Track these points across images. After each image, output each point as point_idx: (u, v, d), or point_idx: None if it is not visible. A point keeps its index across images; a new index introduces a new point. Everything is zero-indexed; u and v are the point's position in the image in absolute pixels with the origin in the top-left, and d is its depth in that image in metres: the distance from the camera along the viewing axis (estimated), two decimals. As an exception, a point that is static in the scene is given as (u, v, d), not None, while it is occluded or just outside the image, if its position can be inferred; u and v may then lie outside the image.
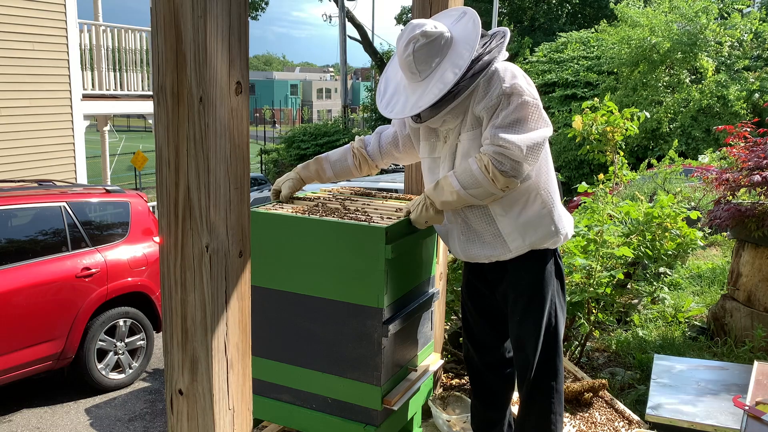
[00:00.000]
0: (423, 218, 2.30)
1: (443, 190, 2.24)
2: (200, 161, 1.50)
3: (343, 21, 25.11)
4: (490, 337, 2.48)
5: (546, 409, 2.34)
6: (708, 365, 3.34)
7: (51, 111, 9.48)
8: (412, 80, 2.27)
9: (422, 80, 2.23)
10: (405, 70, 2.26)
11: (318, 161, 2.69)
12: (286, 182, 2.67)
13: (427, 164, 2.46)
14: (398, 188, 6.52)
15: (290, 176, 2.67)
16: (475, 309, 2.49)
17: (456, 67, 2.16)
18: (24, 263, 4.67)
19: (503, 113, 2.13)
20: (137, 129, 33.29)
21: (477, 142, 2.23)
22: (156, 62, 1.51)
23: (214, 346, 1.58)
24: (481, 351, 2.49)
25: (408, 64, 2.23)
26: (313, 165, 2.69)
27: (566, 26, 23.25)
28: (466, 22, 2.27)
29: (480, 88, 2.18)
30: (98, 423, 4.70)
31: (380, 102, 2.40)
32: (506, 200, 2.24)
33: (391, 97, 2.37)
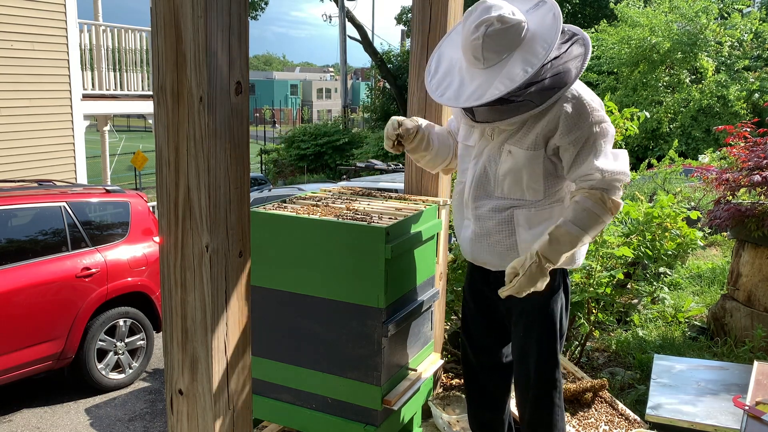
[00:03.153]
0: (536, 280, 2.02)
1: (564, 242, 2.02)
2: (200, 161, 1.50)
3: (343, 21, 25.10)
4: (489, 340, 2.41)
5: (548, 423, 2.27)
6: (708, 365, 3.34)
7: (51, 111, 9.48)
8: (472, 65, 2.06)
9: (485, 68, 2.03)
10: (467, 52, 2.06)
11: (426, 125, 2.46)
12: (408, 120, 2.44)
13: (461, 150, 2.34)
14: (398, 188, 6.52)
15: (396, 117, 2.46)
16: (478, 310, 2.41)
17: (528, 64, 1.96)
18: (24, 263, 4.67)
19: (601, 147, 2.03)
20: (137, 129, 33.28)
21: (534, 163, 2.09)
22: (156, 62, 1.52)
23: (214, 346, 1.58)
24: (479, 352, 2.43)
25: (474, 47, 2.02)
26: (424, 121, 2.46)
27: (566, 26, 23.22)
28: (545, 14, 2.06)
29: (564, 117, 2.02)
30: (98, 423, 4.70)
31: (430, 81, 2.19)
32: (535, 217, 2.15)
33: (443, 77, 2.16)
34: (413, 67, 2.99)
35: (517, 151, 2.10)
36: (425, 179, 3.03)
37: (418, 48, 2.95)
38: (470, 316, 2.44)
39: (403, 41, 32.24)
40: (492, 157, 2.17)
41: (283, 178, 21.84)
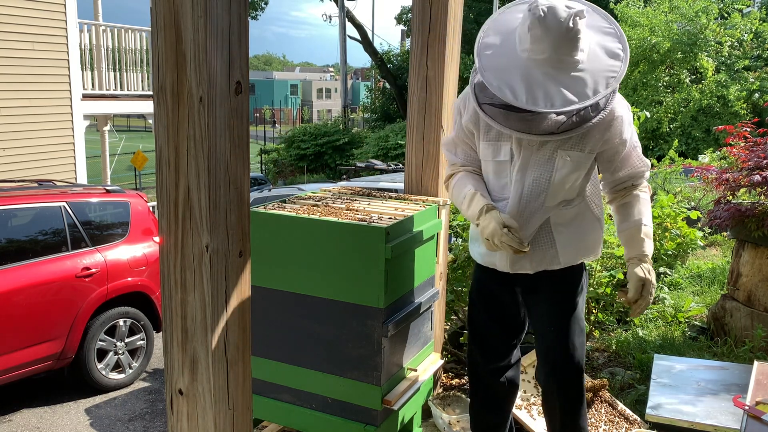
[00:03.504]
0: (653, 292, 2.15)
1: (651, 242, 2.16)
2: (200, 161, 1.50)
3: (343, 21, 25.10)
4: (501, 344, 2.38)
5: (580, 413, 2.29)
6: (708, 365, 3.34)
7: (51, 111, 9.48)
8: (560, 66, 1.91)
9: (563, 69, 1.91)
10: (551, 46, 1.89)
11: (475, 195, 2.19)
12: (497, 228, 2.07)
13: (492, 168, 2.19)
14: (398, 188, 6.52)
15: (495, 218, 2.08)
16: (489, 316, 2.36)
17: (613, 71, 1.96)
18: (24, 263, 4.67)
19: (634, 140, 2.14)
20: (137, 129, 33.27)
21: (587, 165, 2.11)
22: (156, 62, 1.52)
23: (214, 346, 1.58)
24: (489, 357, 2.39)
25: (569, 40, 1.88)
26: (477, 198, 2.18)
27: (566, 26, 23.22)
28: (601, 18, 2.09)
29: (618, 116, 2.06)
30: (98, 423, 4.70)
31: (524, 101, 1.91)
32: (568, 213, 2.17)
33: (530, 90, 1.91)
34: (413, 67, 2.99)
35: (577, 156, 2.07)
36: (425, 179, 3.03)
37: (418, 48, 2.95)
38: (480, 321, 2.39)
39: (403, 41, 32.25)
40: (541, 166, 2.09)
41: (283, 178, 21.83)
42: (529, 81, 1.92)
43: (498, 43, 2.04)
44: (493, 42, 2.05)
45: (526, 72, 1.93)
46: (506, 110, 1.96)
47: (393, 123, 22.86)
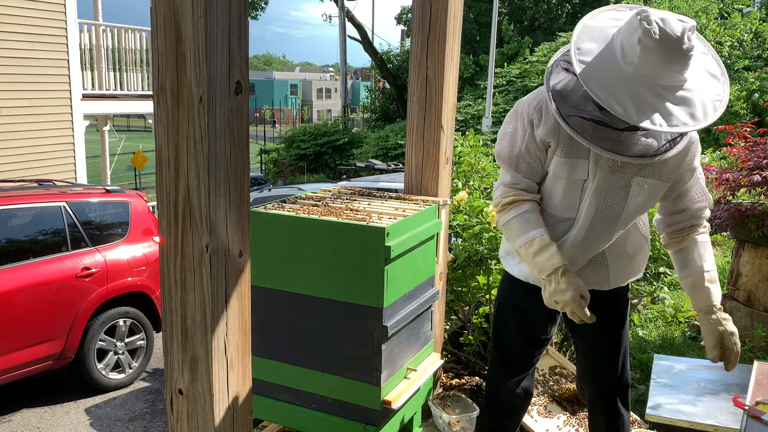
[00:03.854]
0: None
1: (717, 287, 2.04)
2: (200, 161, 1.50)
3: (343, 21, 25.09)
4: (525, 358, 2.34)
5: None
6: (708, 365, 3.34)
7: (51, 111, 9.48)
8: (662, 81, 1.76)
9: (671, 87, 1.77)
10: (663, 61, 1.73)
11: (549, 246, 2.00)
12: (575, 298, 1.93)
13: (562, 186, 2.02)
14: (398, 188, 6.52)
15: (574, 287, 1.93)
16: (520, 331, 2.28)
17: (722, 83, 1.85)
18: (24, 263, 4.67)
19: (700, 170, 2.04)
20: (137, 129, 33.26)
21: (658, 194, 2.01)
22: (156, 62, 1.52)
23: (214, 346, 1.58)
24: (511, 370, 2.34)
25: (682, 56, 1.73)
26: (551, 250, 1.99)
27: (566, 26, 23.22)
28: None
29: (694, 142, 1.97)
30: (98, 423, 4.69)
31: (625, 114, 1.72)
32: (619, 244, 2.11)
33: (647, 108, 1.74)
34: (413, 67, 2.99)
35: (655, 183, 1.97)
36: (425, 179, 3.03)
37: (418, 48, 2.95)
38: (508, 335, 2.32)
39: (403, 41, 32.23)
40: (616, 192, 1.97)
41: (283, 178, 21.83)
42: (636, 96, 1.74)
43: (596, 51, 1.84)
44: (590, 49, 1.84)
45: (632, 86, 1.75)
46: (598, 125, 1.80)
47: (393, 123, 22.85)
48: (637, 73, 1.76)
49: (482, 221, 3.36)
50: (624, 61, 1.78)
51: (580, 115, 1.82)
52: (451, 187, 3.25)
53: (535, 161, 2.04)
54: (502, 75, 18.38)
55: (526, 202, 2.05)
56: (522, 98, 2.08)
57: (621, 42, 1.80)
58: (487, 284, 3.44)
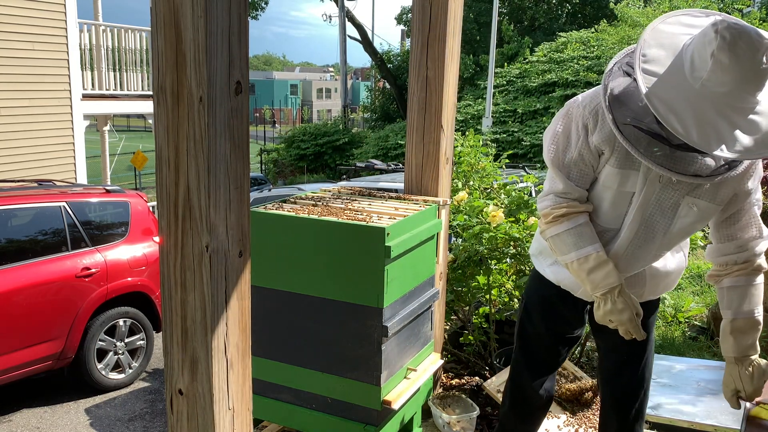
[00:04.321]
0: None
1: (757, 333, 1.94)
2: (200, 161, 1.50)
3: (343, 21, 25.10)
4: (551, 359, 2.30)
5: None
6: (708, 365, 3.34)
7: (51, 111, 9.48)
8: (732, 102, 1.62)
9: (741, 109, 1.63)
10: (744, 87, 1.59)
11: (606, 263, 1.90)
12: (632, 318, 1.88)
13: (611, 196, 1.91)
14: (398, 188, 6.52)
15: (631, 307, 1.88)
16: (548, 331, 2.24)
17: None
18: (24, 263, 4.67)
19: (757, 195, 1.89)
20: (137, 129, 33.26)
21: (708, 217, 1.89)
22: (156, 62, 1.52)
23: (214, 346, 1.58)
24: (536, 371, 2.30)
25: (760, 76, 1.59)
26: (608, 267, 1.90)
27: (566, 26, 23.23)
28: None
29: (755, 165, 1.84)
30: (98, 423, 4.70)
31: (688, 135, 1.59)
32: (683, 248, 2.07)
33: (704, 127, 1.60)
34: (413, 67, 2.99)
35: (706, 206, 1.84)
36: (425, 179, 3.03)
37: (418, 48, 2.95)
38: (535, 336, 2.27)
39: (403, 41, 32.23)
40: (663, 209, 1.87)
41: (283, 178, 21.83)
42: (700, 115, 1.60)
43: (663, 60, 1.70)
44: (656, 57, 1.70)
45: (697, 104, 1.62)
46: (654, 138, 1.69)
47: (393, 123, 22.86)
48: (705, 89, 1.62)
49: (482, 221, 3.36)
50: (692, 75, 1.64)
51: (637, 125, 1.70)
52: (451, 187, 3.25)
53: (588, 168, 1.91)
54: (502, 75, 18.39)
55: (580, 215, 1.92)
56: (575, 97, 1.95)
57: (692, 53, 1.66)
58: (487, 284, 3.44)
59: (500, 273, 3.53)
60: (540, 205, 2.00)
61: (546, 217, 1.96)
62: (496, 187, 4.07)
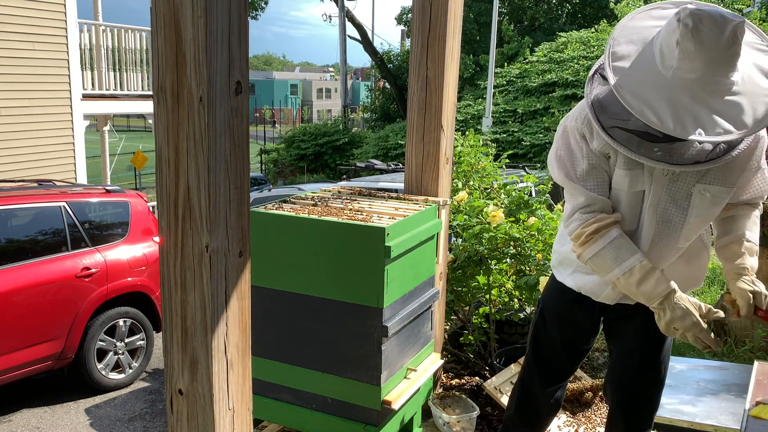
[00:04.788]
0: None
1: (755, 260, 1.91)
2: (200, 161, 1.50)
3: (343, 21, 25.09)
4: (563, 367, 2.29)
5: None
6: (708, 365, 3.34)
7: (51, 111, 9.47)
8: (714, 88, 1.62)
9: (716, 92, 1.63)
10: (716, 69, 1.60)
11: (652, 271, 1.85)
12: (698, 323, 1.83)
13: (626, 199, 1.90)
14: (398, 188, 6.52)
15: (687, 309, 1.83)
16: (563, 340, 2.22)
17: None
18: (24, 263, 4.67)
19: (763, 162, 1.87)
20: (137, 129, 33.25)
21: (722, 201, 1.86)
22: (156, 62, 1.52)
23: (214, 346, 1.58)
24: (547, 378, 2.27)
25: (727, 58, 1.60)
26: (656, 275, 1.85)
27: (566, 26, 23.23)
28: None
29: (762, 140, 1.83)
30: (98, 423, 4.69)
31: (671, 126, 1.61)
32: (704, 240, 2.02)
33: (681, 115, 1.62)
34: (413, 67, 2.99)
35: (718, 190, 1.82)
36: (425, 179, 3.03)
37: (418, 48, 2.95)
38: (548, 342, 2.25)
39: (403, 41, 32.22)
40: (676, 201, 1.85)
41: (283, 178, 21.83)
42: (675, 104, 1.62)
43: (633, 55, 1.72)
44: (627, 53, 1.73)
45: (671, 93, 1.63)
46: (641, 136, 1.69)
47: (393, 123, 22.86)
48: (677, 77, 1.63)
49: (482, 221, 3.36)
50: (663, 65, 1.66)
51: (622, 126, 1.70)
52: (451, 187, 3.25)
53: (602, 173, 1.89)
54: (502, 75, 18.38)
55: (611, 228, 1.86)
56: (566, 115, 1.97)
57: (660, 44, 1.68)
58: (487, 284, 3.44)
59: (500, 273, 3.53)
60: (568, 229, 1.94)
61: (578, 238, 1.90)
62: (496, 187, 4.07)
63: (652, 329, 1.99)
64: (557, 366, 2.27)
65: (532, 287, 3.29)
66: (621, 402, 2.20)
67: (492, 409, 3.18)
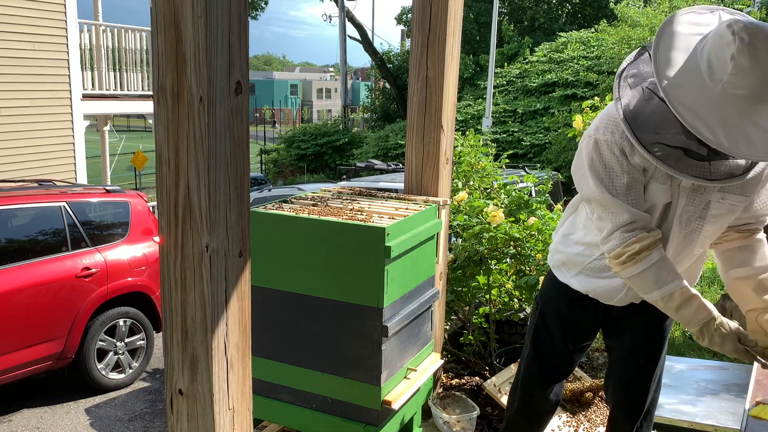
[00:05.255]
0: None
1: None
2: (200, 161, 1.50)
3: (343, 21, 25.09)
4: (563, 365, 2.29)
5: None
6: (708, 365, 3.34)
7: (51, 111, 9.47)
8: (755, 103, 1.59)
9: (764, 110, 1.60)
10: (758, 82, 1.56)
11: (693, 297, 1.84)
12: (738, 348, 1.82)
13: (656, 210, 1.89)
14: (398, 188, 6.52)
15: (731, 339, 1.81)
16: (564, 339, 2.22)
17: None
18: (24, 263, 4.67)
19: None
20: (137, 129, 33.24)
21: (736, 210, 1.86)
22: (156, 62, 1.52)
23: (214, 346, 1.58)
24: (548, 376, 2.28)
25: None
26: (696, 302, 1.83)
27: (566, 26, 23.23)
28: None
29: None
30: (98, 423, 4.69)
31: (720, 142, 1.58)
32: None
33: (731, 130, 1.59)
34: (413, 67, 2.99)
35: (735, 198, 1.83)
36: (425, 179, 3.03)
37: (418, 48, 2.95)
38: (549, 341, 2.25)
39: (403, 41, 32.22)
40: (698, 211, 1.86)
41: (283, 178, 21.83)
42: (725, 119, 1.58)
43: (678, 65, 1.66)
44: (672, 62, 1.66)
45: (721, 108, 1.59)
46: (685, 152, 1.66)
47: (393, 123, 22.86)
48: (726, 93, 1.59)
49: (482, 221, 3.36)
50: (711, 78, 1.60)
51: (663, 141, 1.68)
52: (451, 187, 3.25)
53: (640, 188, 1.85)
54: (502, 75, 18.39)
55: (654, 250, 1.82)
56: (590, 127, 1.89)
57: (708, 56, 1.62)
58: (487, 284, 3.44)
59: (500, 273, 3.53)
60: (607, 246, 1.88)
61: (618, 257, 1.85)
62: (496, 187, 4.07)
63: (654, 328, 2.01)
64: (558, 366, 2.28)
65: (532, 287, 3.29)
66: (623, 401, 2.20)
67: (492, 409, 3.18)
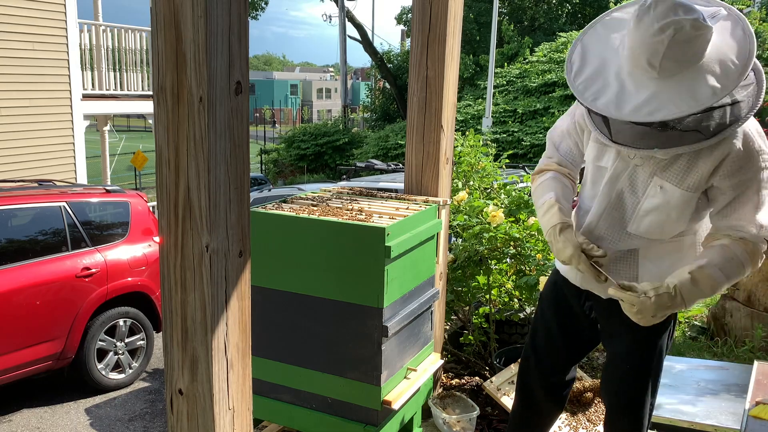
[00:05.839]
0: (660, 312, 1.78)
1: (705, 286, 1.77)
2: (200, 161, 1.50)
3: (343, 21, 25.09)
4: (561, 359, 2.25)
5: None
6: (708, 365, 3.34)
7: (51, 111, 9.48)
8: (641, 71, 1.69)
9: (657, 78, 1.67)
10: (640, 55, 1.67)
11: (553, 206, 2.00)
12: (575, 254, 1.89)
13: (590, 171, 2.00)
14: (398, 188, 6.52)
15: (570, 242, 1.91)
16: (560, 329, 2.20)
17: (718, 84, 1.63)
18: (24, 263, 4.67)
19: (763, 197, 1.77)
20: (137, 129, 33.24)
21: (688, 204, 1.83)
22: (156, 62, 1.52)
23: (214, 346, 1.58)
24: (545, 371, 2.25)
25: (653, 51, 1.63)
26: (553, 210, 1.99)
27: (566, 26, 23.23)
28: (730, 27, 1.72)
29: (731, 157, 1.73)
30: (98, 423, 4.69)
31: (574, 79, 1.81)
32: (663, 248, 1.93)
33: (593, 77, 1.77)
34: (413, 67, 2.99)
35: (673, 190, 1.81)
36: (425, 179, 3.03)
37: (418, 48, 2.95)
38: (544, 330, 2.24)
39: (403, 41, 32.23)
40: (634, 187, 1.89)
41: (283, 178, 21.84)
42: (606, 77, 1.74)
43: (603, 43, 1.85)
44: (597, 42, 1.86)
45: (621, 76, 1.72)
46: (603, 117, 1.78)
47: (393, 123, 22.86)
48: (618, 52, 1.77)
49: (482, 221, 3.36)
50: (622, 49, 1.77)
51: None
52: (451, 187, 3.25)
53: (574, 142, 2.10)
54: (502, 75, 18.39)
55: (549, 171, 2.12)
56: None
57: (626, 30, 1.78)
58: (487, 284, 3.44)
59: (500, 273, 3.53)
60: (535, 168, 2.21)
61: (531, 177, 2.19)
62: (496, 187, 4.07)
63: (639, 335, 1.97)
64: (553, 355, 2.24)
65: (532, 287, 3.29)
66: (608, 405, 2.19)
67: (492, 409, 3.18)
